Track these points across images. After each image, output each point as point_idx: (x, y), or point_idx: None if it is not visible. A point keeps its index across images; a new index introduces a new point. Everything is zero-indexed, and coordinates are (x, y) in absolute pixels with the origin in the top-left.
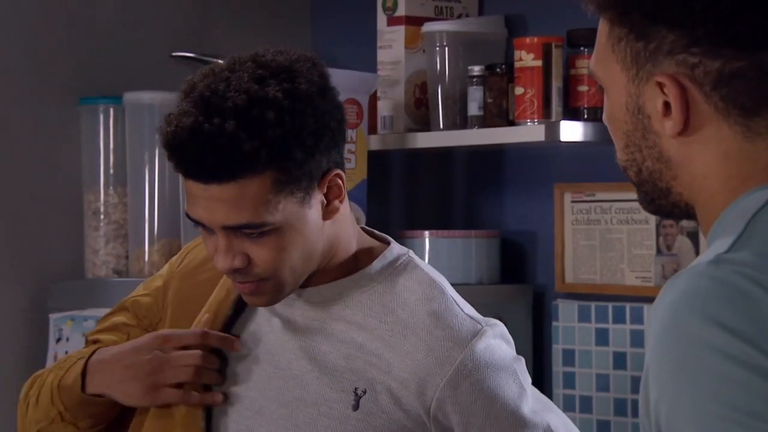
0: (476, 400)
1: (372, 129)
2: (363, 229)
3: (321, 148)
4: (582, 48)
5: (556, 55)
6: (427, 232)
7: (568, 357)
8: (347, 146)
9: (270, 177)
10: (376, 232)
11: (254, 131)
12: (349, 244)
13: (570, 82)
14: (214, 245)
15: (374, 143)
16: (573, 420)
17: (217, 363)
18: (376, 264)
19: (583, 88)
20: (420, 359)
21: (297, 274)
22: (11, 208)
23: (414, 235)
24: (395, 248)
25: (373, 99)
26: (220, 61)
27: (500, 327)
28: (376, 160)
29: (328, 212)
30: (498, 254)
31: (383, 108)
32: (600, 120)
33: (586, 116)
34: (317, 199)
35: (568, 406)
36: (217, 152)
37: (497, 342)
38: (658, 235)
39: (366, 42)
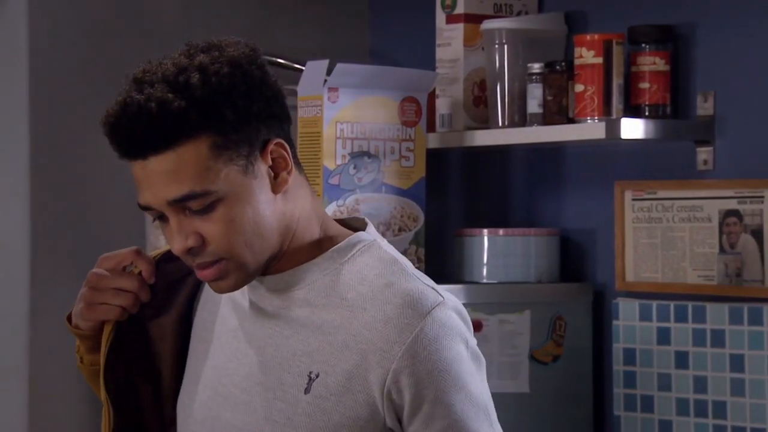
0: (432, 371)
1: (430, 127)
2: (340, 220)
3: (254, 112)
4: (643, 45)
5: (617, 52)
6: (485, 231)
7: (629, 356)
8: (405, 144)
9: (206, 142)
10: (353, 222)
11: (181, 93)
12: (310, 226)
13: (631, 79)
14: (170, 232)
15: (433, 141)
16: (634, 420)
17: (148, 294)
18: (339, 247)
19: (645, 85)
20: (379, 329)
21: (255, 251)
22: (71, 202)
23: (472, 234)
24: (362, 234)
25: (432, 97)
26: (281, 60)
27: (458, 303)
28: (435, 158)
29: (277, 185)
30: (557, 253)
31: (442, 106)
32: (661, 117)
33: (647, 113)
34: (262, 170)
35: (628, 406)
36: (149, 119)
37: (455, 315)
38: (720, 233)
39: (425, 40)
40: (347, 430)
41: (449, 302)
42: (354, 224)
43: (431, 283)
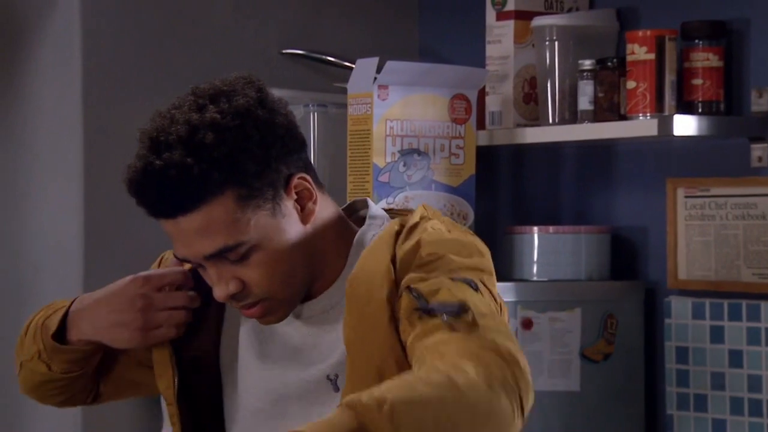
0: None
1: (480, 124)
2: (347, 208)
3: (274, 155)
4: (696, 40)
5: (670, 48)
6: (536, 228)
7: (682, 354)
8: (455, 141)
9: (231, 196)
10: (357, 207)
11: (200, 155)
12: (338, 240)
13: (684, 75)
14: (210, 279)
15: (483, 139)
16: (687, 419)
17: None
18: (350, 260)
19: (698, 81)
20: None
21: (296, 284)
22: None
23: (523, 231)
24: (364, 233)
25: (482, 94)
26: (331, 58)
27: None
28: (485, 155)
29: (305, 216)
30: (608, 250)
31: (492, 103)
32: (715, 113)
33: (700, 110)
34: (289, 207)
35: (681, 405)
36: (172, 185)
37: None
38: None
39: (474, 37)
40: None
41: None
42: (358, 209)
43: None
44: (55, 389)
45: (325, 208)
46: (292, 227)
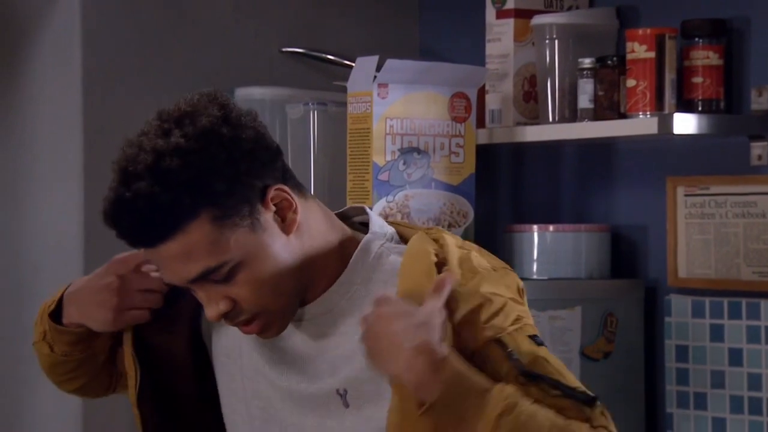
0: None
1: (480, 123)
2: (339, 215)
3: (243, 171)
4: (696, 39)
5: (670, 47)
6: (535, 227)
7: (682, 353)
8: (455, 140)
9: (206, 218)
10: (351, 214)
11: (167, 183)
12: (329, 244)
13: (684, 74)
14: (201, 299)
15: (482, 137)
16: (687, 417)
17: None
18: (352, 265)
19: (698, 79)
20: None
21: (289, 294)
22: None
23: (522, 230)
24: (370, 240)
25: (482, 93)
26: (331, 57)
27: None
28: (485, 154)
29: (287, 227)
30: (608, 249)
31: (492, 101)
32: (715, 111)
33: (700, 108)
34: (269, 219)
35: (681, 403)
36: (145, 216)
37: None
38: None
39: (474, 35)
40: None
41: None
42: (350, 215)
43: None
44: (64, 373)
45: (310, 214)
46: (275, 240)
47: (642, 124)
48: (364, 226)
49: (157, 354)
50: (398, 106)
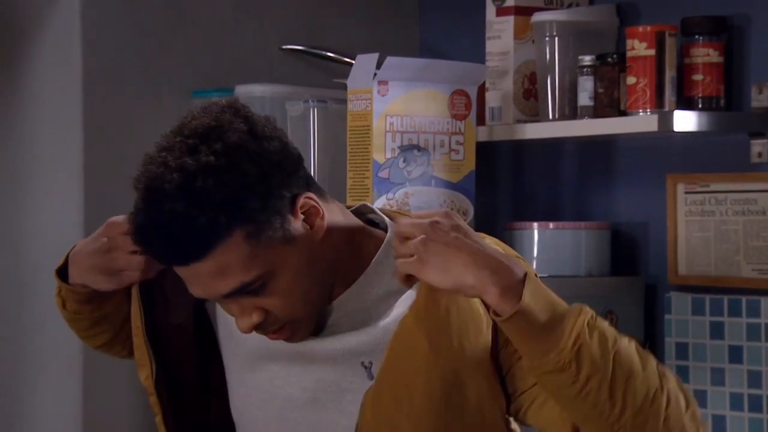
0: None
1: (480, 120)
2: (356, 209)
3: (274, 184)
4: (697, 36)
5: (670, 44)
6: (536, 224)
7: (682, 350)
8: (455, 137)
9: (240, 235)
10: (367, 212)
11: (203, 203)
12: (350, 245)
13: (684, 71)
14: (231, 311)
15: (482, 134)
16: None
17: None
18: (381, 257)
19: (698, 77)
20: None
21: (317, 298)
22: (124, 199)
23: (523, 227)
24: (392, 239)
25: (482, 90)
26: (331, 54)
27: None
28: (485, 151)
29: (315, 233)
30: (609, 246)
31: (492, 99)
32: (715, 109)
33: (700, 106)
34: (299, 228)
35: None
36: (180, 237)
37: None
38: None
39: (474, 33)
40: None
41: None
42: (363, 212)
43: None
44: (82, 330)
45: (333, 217)
46: (305, 248)
47: (642, 122)
48: (371, 222)
49: (165, 343)
50: (398, 103)
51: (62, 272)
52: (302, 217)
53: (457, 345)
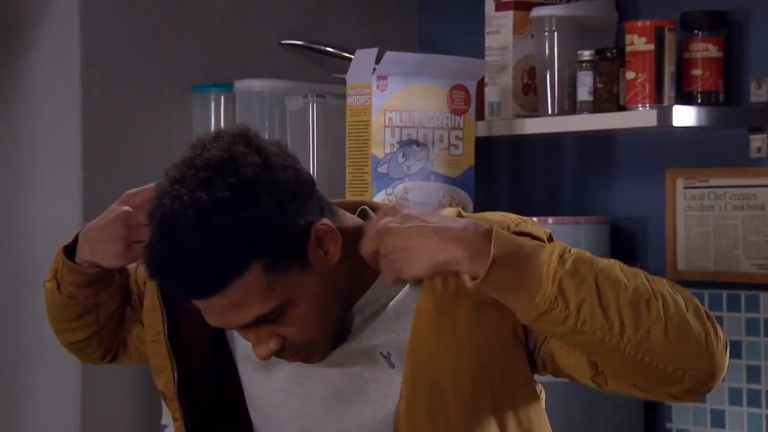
0: None
1: (479, 115)
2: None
3: (290, 216)
4: (696, 31)
5: (669, 39)
6: (535, 219)
7: None
8: (454, 132)
9: (257, 268)
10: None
11: (220, 240)
12: (359, 258)
13: (683, 66)
14: (248, 338)
15: (482, 129)
16: (685, 409)
17: None
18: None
19: (697, 72)
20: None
21: (335, 319)
22: (123, 194)
23: None
24: None
25: (481, 85)
26: (330, 49)
27: None
28: (484, 146)
29: (331, 258)
30: (608, 241)
31: (491, 94)
32: (714, 104)
33: (699, 101)
34: (315, 256)
35: None
36: (197, 273)
37: None
38: None
39: (474, 28)
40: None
41: None
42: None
43: None
44: (65, 320)
45: (344, 229)
46: (321, 272)
47: (641, 117)
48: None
49: (186, 348)
50: (397, 98)
51: (69, 252)
52: (318, 243)
53: (475, 315)
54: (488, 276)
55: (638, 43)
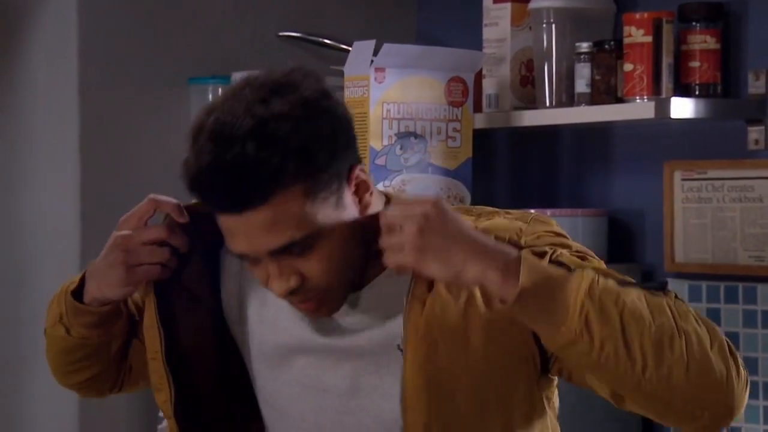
0: None
1: (477, 107)
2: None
3: (340, 147)
4: (694, 23)
5: (667, 31)
6: (532, 211)
7: None
8: (452, 124)
9: (300, 189)
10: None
11: (276, 147)
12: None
13: (681, 58)
14: (266, 273)
15: (479, 121)
16: None
17: (184, 241)
18: None
19: (695, 63)
20: None
21: (352, 272)
22: (121, 187)
23: None
24: None
25: (479, 77)
26: (328, 41)
27: None
28: (482, 138)
29: (363, 208)
30: (605, 233)
31: (489, 86)
32: (712, 96)
33: (697, 92)
34: (349, 199)
35: None
36: (247, 179)
37: None
38: None
39: (471, 20)
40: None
41: None
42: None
43: None
44: (74, 362)
45: (376, 197)
46: (351, 217)
47: (639, 109)
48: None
49: (187, 363)
50: (395, 90)
51: (76, 296)
52: (354, 188)
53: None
54: (517, 302)
55: (636, 35)
